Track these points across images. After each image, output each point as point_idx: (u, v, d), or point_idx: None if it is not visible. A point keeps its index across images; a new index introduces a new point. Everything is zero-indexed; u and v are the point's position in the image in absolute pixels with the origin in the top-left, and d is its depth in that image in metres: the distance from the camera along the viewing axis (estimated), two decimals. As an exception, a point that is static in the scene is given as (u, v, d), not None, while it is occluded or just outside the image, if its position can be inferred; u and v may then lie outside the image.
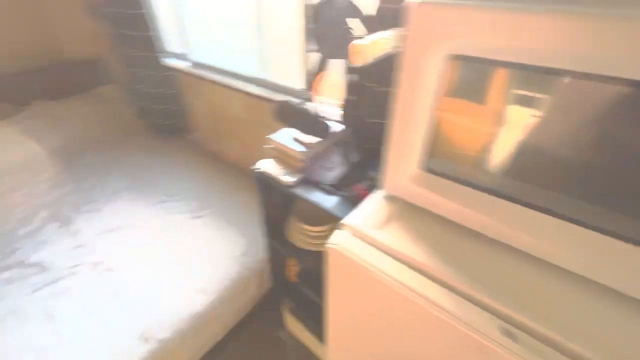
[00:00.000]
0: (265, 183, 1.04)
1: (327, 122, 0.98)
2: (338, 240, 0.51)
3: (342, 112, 0.94)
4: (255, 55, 1.46)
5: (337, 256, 0.50)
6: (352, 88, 0.91)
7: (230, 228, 1.47)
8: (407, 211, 0.56)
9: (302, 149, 1.00)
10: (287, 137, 1.04)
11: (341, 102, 0.92)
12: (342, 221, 0.53)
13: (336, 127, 1.06)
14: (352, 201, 0.90)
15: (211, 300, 1.20)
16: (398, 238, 0.50)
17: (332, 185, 0.94)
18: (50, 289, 1.19)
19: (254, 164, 1.05)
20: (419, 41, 0.43)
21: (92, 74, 2.44)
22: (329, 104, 1.31)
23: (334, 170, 1.00)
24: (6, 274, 1.23)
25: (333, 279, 0.56)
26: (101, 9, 1.79)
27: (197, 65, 1.78)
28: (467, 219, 0.51)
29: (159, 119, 1.99)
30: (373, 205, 0.58)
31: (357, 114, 0.99)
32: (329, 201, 0.92)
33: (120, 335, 1.05)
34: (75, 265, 1.28)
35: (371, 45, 0.56)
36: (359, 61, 0.56)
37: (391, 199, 0.59)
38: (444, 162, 0.52)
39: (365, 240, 0.50)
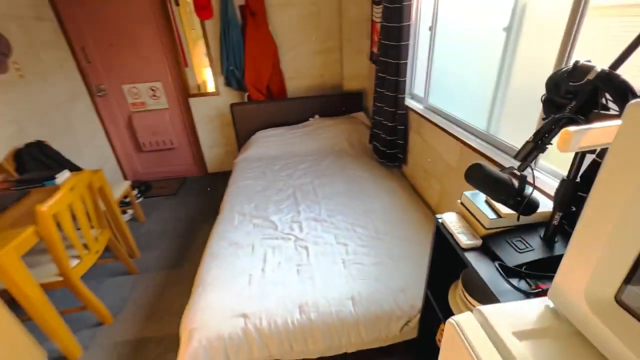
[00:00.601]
0: (442, 235, 1.03)
1: (533, 199, 0.84)
2: (462, 320, 0.47)
3: (557, 190, 0.78)
4: (487, 110, 1.42)
5: (452, 334, 0.46)
6: (581, 165, 0.74)
7: (401, 261, 1.53)
8: (569, 335, 0.42)
9: (492, 215, 0.91)
10: (482, 198, 0.98)
11: (563, 177, 0.77)
12: (480, 307, 0.48)
13: (544, 203, 0.89)
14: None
15: (356, 313, 1.32)
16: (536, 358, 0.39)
17: (512, 269, 0.81)
18: (271, 241, 1.72)
19: (446, 212, 1.06)
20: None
21: (356, 103, 3.17)
22: (547, 175, 1.09)
23: (525, 252, 0.84)
24: (257, 221, 1.89)
25: (444, 354, 0.51)
26: (377, 57, 2.30)
27: (429, 108, 1.93)
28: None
29: (385, 146, 2.32)
30: (530, 308, 0.48)
31: (580, 197, 0.79)
32: (500, 284, 0.80)
33: (289, 295, 1.38)
34: (288, 234, 1.77)
35: (588, 134, 0.45)
36: (565, 149, 0.47)
37: (555, 313, 0.46)
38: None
39: (492, 339, 0.43)
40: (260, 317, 1.32)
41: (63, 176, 1.95)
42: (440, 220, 1.02)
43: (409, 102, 2.09)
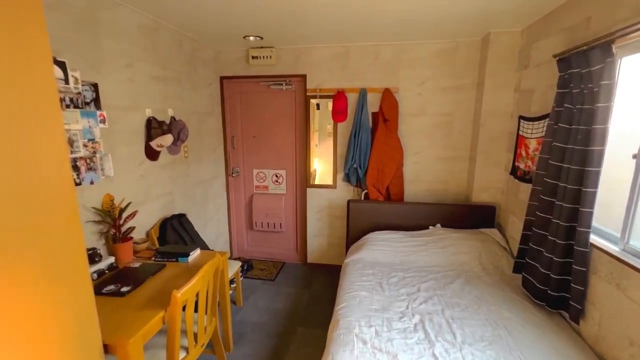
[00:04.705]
0: None
1: None
2: None
3: None
4: None
5: None
6: None
7: None
8: None
9: None
10: None
11: None
12: None
13: None
14: None
15: None
16: None
17: None
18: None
19: None
20: None
21: (486, 217, 2.78)
22: None
23: None
24: (382, 356, 1.53)
25: None
26: (538, 176, 1.99)
27: (633, 253, 1.45)
28: None
29: (545, 285, 1.81)
30: None
31: None
32: None
33: None
34: (426, 390, 1.34)
35: None
36: None
37: None
38: None
39: None
40: None
41: (194, 254, 2.01)
42: None
43: (596, 239, 1.63)
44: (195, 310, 1.66)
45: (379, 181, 2.99)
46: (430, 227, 2.82)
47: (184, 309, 1.51)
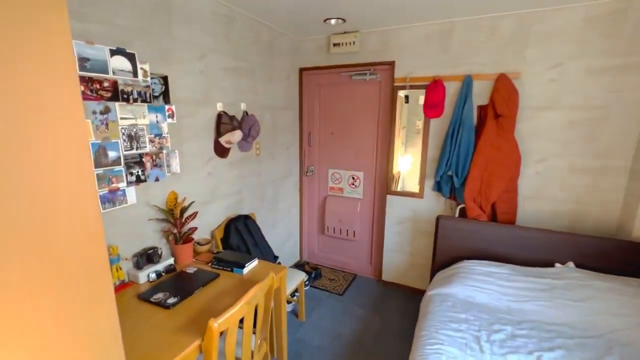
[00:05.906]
0: None
1: None
2: None
3: None
4: None
5: None
6: None
7: None
8: None
9: None
10: None
11: None
12: None
13: None
14: None
15: None
16: None
17: None
18: None
19: None
20: None
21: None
22: None
23: None
24: None
25: None
26: None
27: None
28: None
29: None
30: None
31: None
32: None
33: None
34: None
35: None
36: None
37: None
38: None
39: None
40: None
41: (250, 266, 1.80)
42: None
43: None
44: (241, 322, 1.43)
45: (483, 195, 2.32)
46: (558, 264, 2.04)
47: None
